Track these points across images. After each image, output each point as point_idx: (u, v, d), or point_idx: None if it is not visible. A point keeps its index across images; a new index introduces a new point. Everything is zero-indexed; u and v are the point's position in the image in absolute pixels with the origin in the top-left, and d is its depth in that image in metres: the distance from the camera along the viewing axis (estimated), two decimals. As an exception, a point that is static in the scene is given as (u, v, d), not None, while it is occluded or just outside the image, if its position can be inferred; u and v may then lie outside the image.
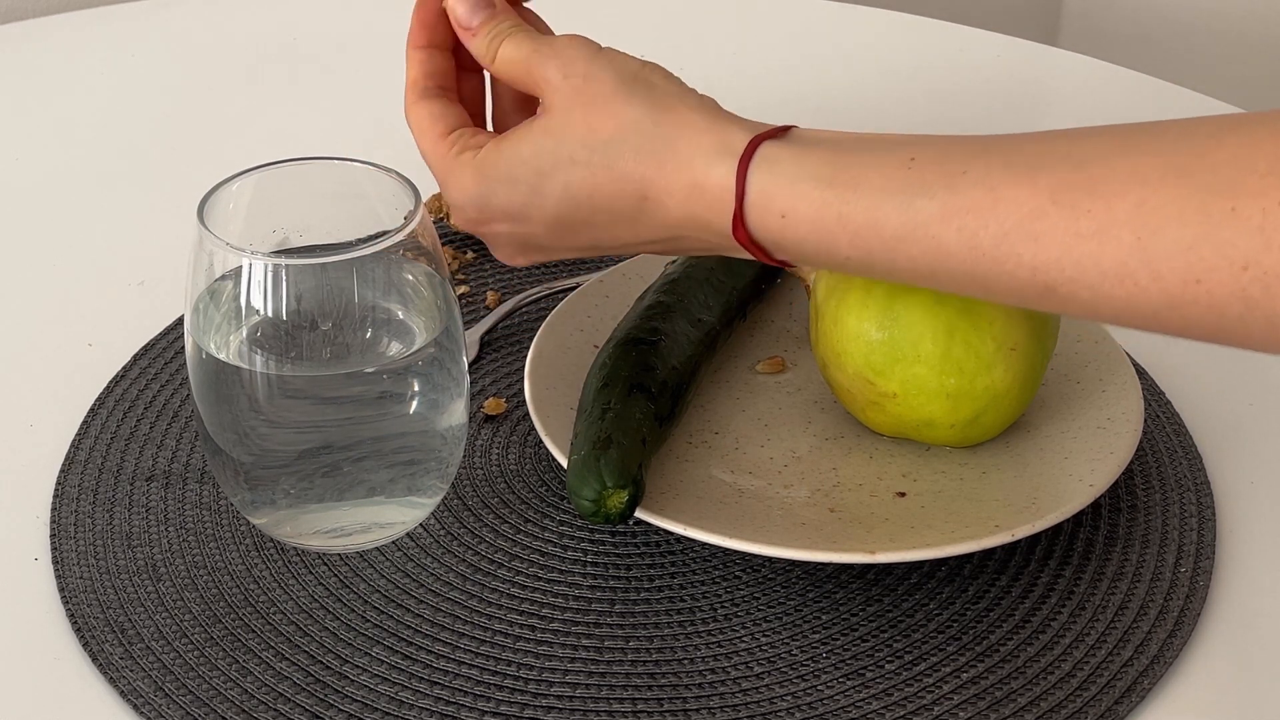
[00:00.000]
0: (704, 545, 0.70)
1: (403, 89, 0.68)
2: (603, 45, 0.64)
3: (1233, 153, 0.51)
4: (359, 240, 0.62)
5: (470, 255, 0.88)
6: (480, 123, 0.69)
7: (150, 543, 0.70)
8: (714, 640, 0.65)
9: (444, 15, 0.67)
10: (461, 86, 0.69)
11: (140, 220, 0.94)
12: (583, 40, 0.64)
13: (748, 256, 0.61)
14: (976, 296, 0.58)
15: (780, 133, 0.60)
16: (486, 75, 0.69)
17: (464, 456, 0.71)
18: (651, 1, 1.21)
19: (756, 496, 0.70)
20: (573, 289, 0.84)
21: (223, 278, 0.62)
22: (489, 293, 0.86)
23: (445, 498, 0.70)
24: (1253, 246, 0.49)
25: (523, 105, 0.68)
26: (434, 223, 0.78)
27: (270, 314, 0.62)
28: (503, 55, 0.65)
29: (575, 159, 0.62)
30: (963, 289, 0.57)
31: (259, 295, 0.61)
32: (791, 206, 0.58)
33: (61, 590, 0.68)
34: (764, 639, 0.66)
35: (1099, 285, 0.53)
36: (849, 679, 0.64)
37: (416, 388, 0.64)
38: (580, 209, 0.62)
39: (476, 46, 0.66)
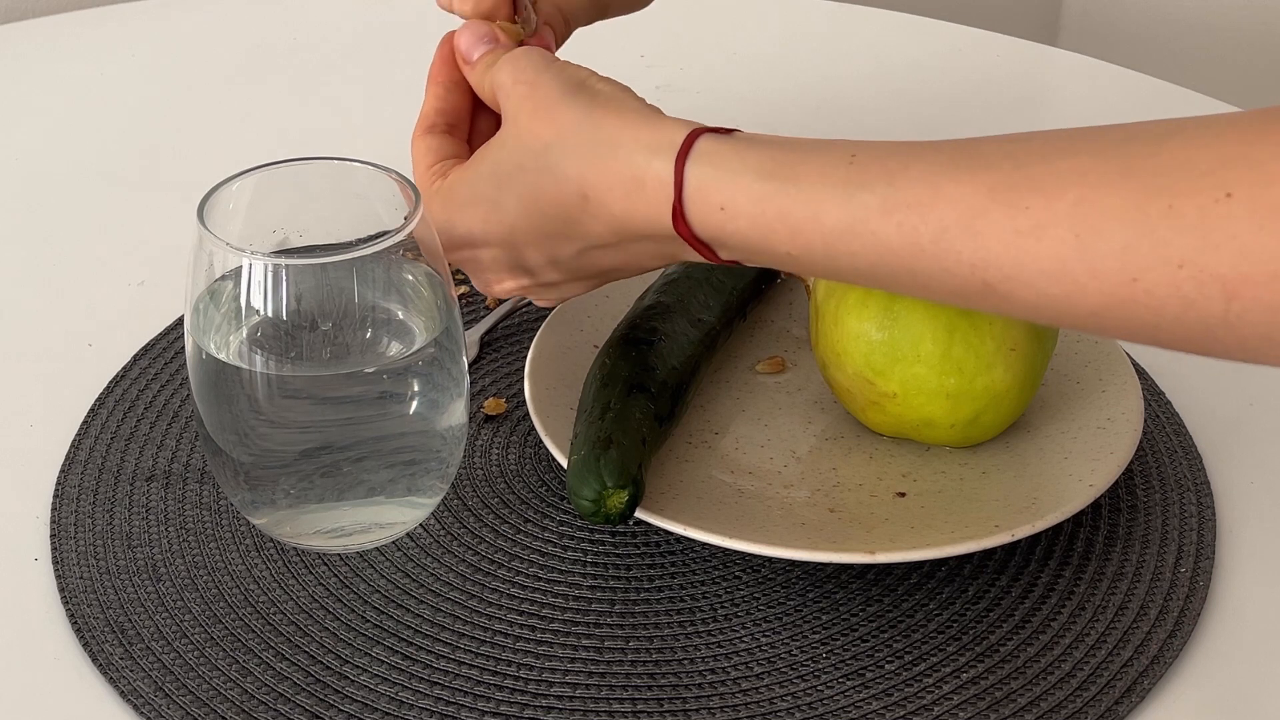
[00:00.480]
0: (704, 545, 0.70)
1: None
2: (557, 57, 0.65)
3: (1175, 155, 0.50)
4: (359, 240, 0.62)
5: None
6: None
7: (150, 543, 0.70)
8: (714, 640, 0.65)
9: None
10: (477, 122, 0.70)
11: (140, 220, 0.94)
12: (538, 51, 0.65)
13: (698, 259, 0.61)
14: (917, 295, 0.57)
15: (722, 131, 0.60)
16: None
17: (464, 456, 0.71)
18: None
19: (756, 496, 0.70)
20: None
21: (223, 278, 0.62)
22: (489, 293, 0.86)
23: (445, 498, 0.70)
24: (1189, 245, 0.49)
25: None
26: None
27: (270, 314, 0.62)
28: (487, 84, 0.67)
29: (524, 166, 0.63)
30: (903, 287, 0.57)
31: (259, 295, 0.61)
32: (730, 199, 0.58)
33: (61, 590, 0.68)
34: (764, 639, 0.66)
35: (1037, 283, 0.53)
36: (849, 679, 0.64)
37: (416, 388, 0.64)
38: (532, 217, 0.63)
39: (473, 78, 0.68)
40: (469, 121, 0.70)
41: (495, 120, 0.69)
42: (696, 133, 0.59)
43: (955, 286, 0.55)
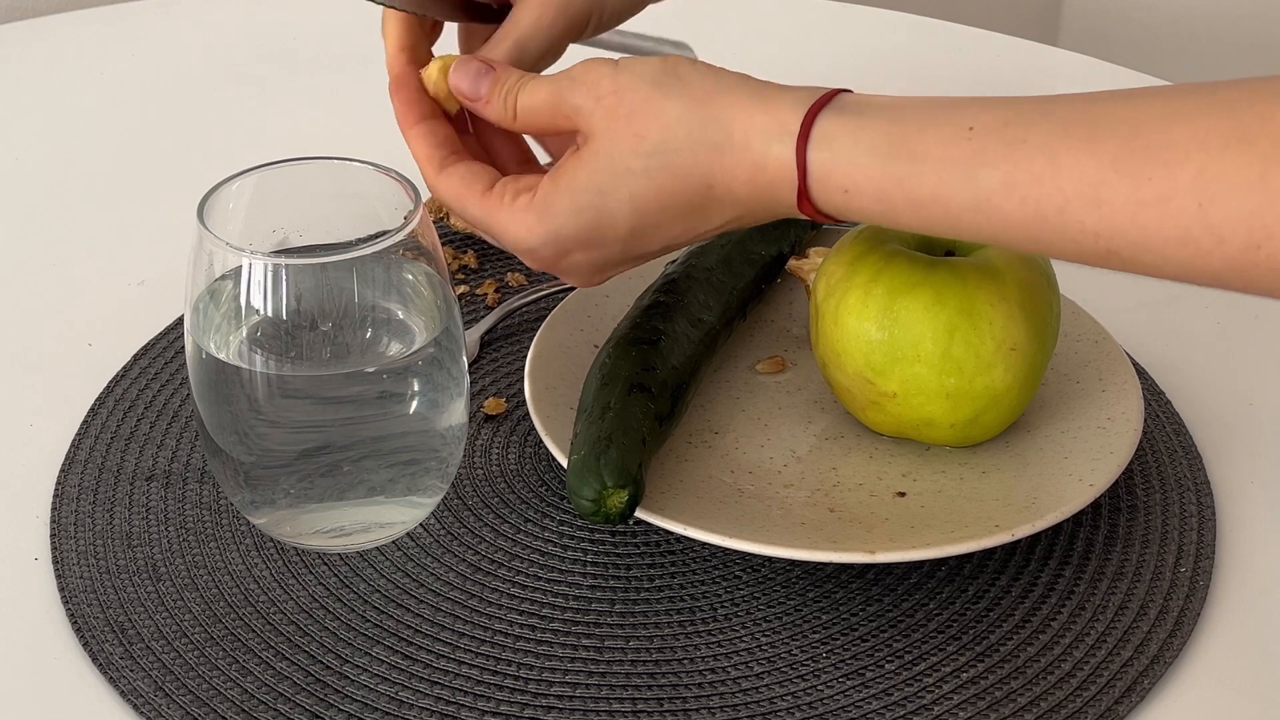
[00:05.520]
0: (704, 545, 0.70)
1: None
2: (616, 58, 0.64)
3: None
4: (359, 240, 0.62)
5: (470, 255, 0.88)
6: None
7: (150, 543, 0.70)
8: (714, 640, 0.65)
9: (424, 89, 0.66)
10: (482, 135, 0.68)
11: (140, 220, 0.94)
12: (599, 60, 0.64)
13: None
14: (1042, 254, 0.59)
15: (830, 98, 0.60)
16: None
17: (464, 456, 0.71)
18: (651, 1, 1.21)
19: (756, 496, 0.70)
20: (573, 289, 0.84)
21: (223, 278, 0.62)
22: (489, 292, 0.86)
23: (445, 498, 0.70)
24: None
25: (524, 159, 0.69)
26: (434, 223, 0.78)
27: (270, 314, 0.62)
28: (522, 107, 0.64)
29: (632, 170, 0.61)
30: (1027, 251, 0.59)
31: (259, 295, 0.61)
32: (854, 182, 0.59)
33: (61, 590, 0.68)
34: (764, 639, 0.66)
35: (1162, 249, 0.54)
36: (849, 679, 0.64)
37: (416, 388, 0.64)
38: (650, 215, 0.62)
39: (493, 112, 0.65)
40: (467, 143, 0.68)
41: (475, 143, 0.68)
42: (813, 112, 0.59)
43: (1079, 252, 0.56)
